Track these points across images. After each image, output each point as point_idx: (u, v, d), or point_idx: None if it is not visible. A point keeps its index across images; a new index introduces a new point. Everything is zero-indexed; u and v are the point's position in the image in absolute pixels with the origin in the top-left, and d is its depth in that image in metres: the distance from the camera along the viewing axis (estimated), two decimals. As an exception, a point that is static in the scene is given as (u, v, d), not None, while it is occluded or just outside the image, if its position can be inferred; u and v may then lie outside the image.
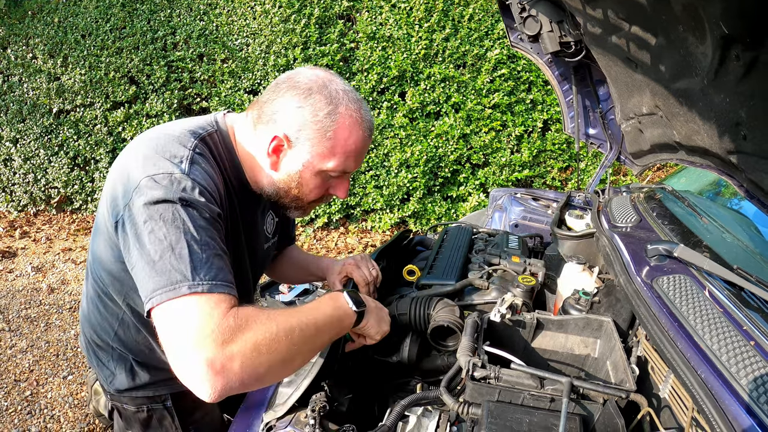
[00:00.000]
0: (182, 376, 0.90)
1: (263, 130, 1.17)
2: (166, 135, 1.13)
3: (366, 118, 1.19)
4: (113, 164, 1.16)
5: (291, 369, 1.06)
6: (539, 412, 1.00)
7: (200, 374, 0.88)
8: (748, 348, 0.94)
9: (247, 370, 0.91)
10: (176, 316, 0.92)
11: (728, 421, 0.81)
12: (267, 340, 0.94)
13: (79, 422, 2.69)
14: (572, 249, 1.79)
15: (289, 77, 1.18)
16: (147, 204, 1.00)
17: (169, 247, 0.96)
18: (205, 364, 0.87)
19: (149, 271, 0.96)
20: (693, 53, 1.17)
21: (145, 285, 0.96)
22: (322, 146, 1.15)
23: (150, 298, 0.94)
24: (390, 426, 1.04)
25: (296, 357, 1.02)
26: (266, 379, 0.97)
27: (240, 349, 0.91)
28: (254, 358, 0.92)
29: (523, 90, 4.74)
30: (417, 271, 1.72)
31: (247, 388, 0.95)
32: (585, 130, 2.50)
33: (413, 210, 4.81)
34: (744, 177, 1.33)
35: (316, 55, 4.53)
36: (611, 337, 1.25)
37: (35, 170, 4.95)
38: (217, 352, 0.88)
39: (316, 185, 1.22)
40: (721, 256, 1.33)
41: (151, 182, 1.02)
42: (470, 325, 1.25)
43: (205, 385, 0.88)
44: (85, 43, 4.63)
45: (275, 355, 0.95)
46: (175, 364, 0.91)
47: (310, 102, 1.13)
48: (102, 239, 1.19)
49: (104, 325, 1.31)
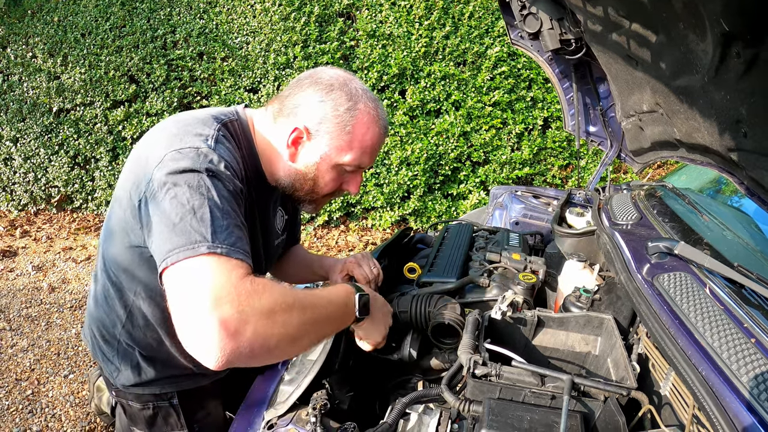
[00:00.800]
0: (191, 338, 0.87)
1: (284, 122, 1.22)
2: (189, 117, 1.16)
3: (382, 117, 1.25)
4: (129, 159, 1.18)
5: (298, 348, 1.05)
6: (540, 410, 1.01)
7: (212, 335, 0.85)
8: (749, 345, 0.94)
9: (259, 337, 0.89)
10: (193, 275, 0.90)
11: (729, 419, 0.81)
12: (281, 310, 0.94)
13: (81, 421, 2.69)
14: (573, 246, 1.79)
15: (311, 74, 1.23)
16: (171, 173, 1.01)
17: (191, 210, 0.96)
18: (218, 324, 0.84)
19: (168, 233, 0.95)
20: (693, 50, 1.17)
21: (162, 247, 0.95)
22: (340, 140, 1.20)
23: (166, 258, 0.92)
24: (391, 423, 1.05)
25: (305, 336, 1.02)
26: (274, 352, 0.95)
27: (255, 314, 0.89)
28: (267, 327, 0.91)
29: (523, 87, 4.73)
30: (418, 269, 1.72)
31: (252, 359, 0.91)
32: (585, 127, 2.49)
33: (414, 208, 4.81)
34: (744, 174, 1.33)
35: (316, 53, 4.53)
36: (612, 334, 1.25)
37: (35, 169, 4.95)
38: (233, 313, 0.86)
39: (332, 178, 1.26)
40: (722, 254, 1.33)
41: (177, 154, 1.04)
42: (471, 322, 1.25)
43: (215, 348, 0.85)
44: (84, 41, 4.63)
45: (287, 328, 0.95)
46: (185, 325, 0.88)
47: (332, 97, 1.18)
48: (116, 238, 1.20)
49: (112, 318, 1.31)
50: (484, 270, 1.69)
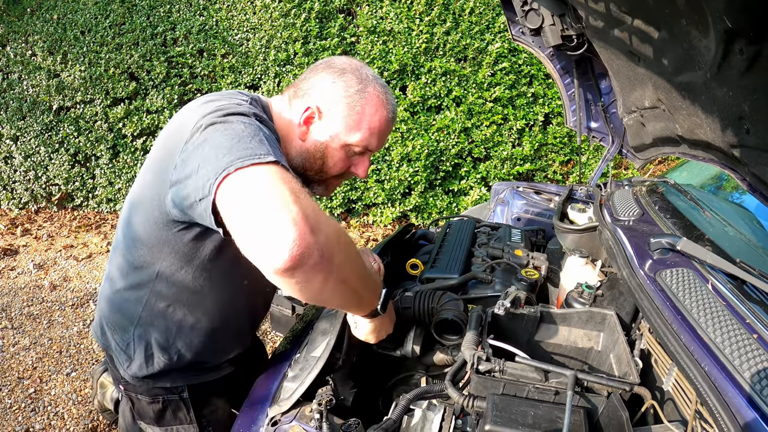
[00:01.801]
0: (267, 228, 0.83)
1: (298, 104, 1.27)
2: (219, 94, 1.19)
3: (391, 102, 1.30)
4: (157, 141, 1.21)
5: (342, 291, 1.02)
6: (544, 405, 1.01)
7: (293, 222, 0.83)
8: (752, 341, 0.94)
9: (329, 247, 0.89)
10: (267, 177, 0.89)
11: (732, 414, 0.82)
12: (345, 237, 0.98)
13: (83, 419, 2.70)
14: (575, 242, 1.80)
15: (325, 61, 1.30)
16: (219, 116, 1.03)
17: (248, 136, 0.97)
18: (300, 214, 0.84)
19: (226, 150, 0.93)
20: (696, 47, 1.17)
21: (219, 162, 0.91)
22: (350, 119, 1.24)
23: (228, 166, 0.90)
24: (395, 419, 1.05)
25: (349, 280, 1.02)
26: (332, 274, 0.92)
27: (328, 225, 0.91)
28: (335, 243, 0.92)
29: (524, 83, 4.72)
30: (420, 265, 1.72)
31: (316, 271, 0.88)
32: (587, 123, 2.49)
33: (415, 204, 4.81)
34: (747, 171, 1.34)
35: (316, 49, 4.52)
36: (614, 330, 1.26)
37: (36, 167, 4.95)
38: (311, 214, 0.87)
39: (340, 158, 1.30)
40: (724, 250, 1.33)
41: (221, 107, 1.06)
42: (474, 318, 1.26)
43: (293, 235, 0.82)
44: (84, 39, 4.62)
45: (347, 256, 0.98)
46: (260, 218, 0.84)
47: (343, 79, 1.24)
48: (139, 216, 1.21)
49: (131, 304, 1.30)
50: (486, 266, 1.69)
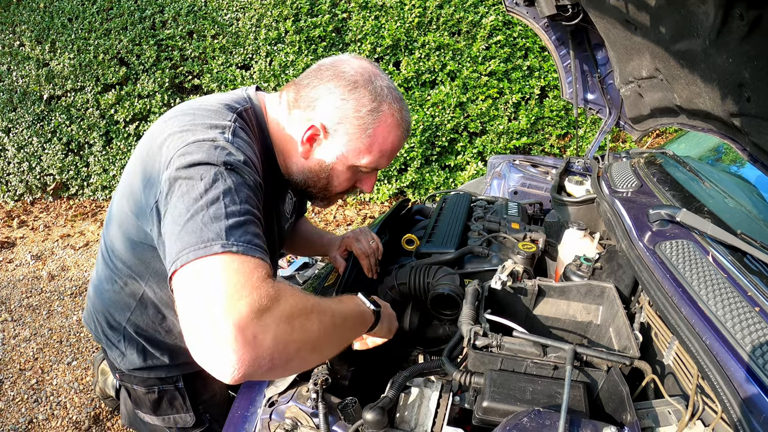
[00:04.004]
0: (203, 348, 0.77)
1: (300, 116, 1.14)
2: (201, 108, 1.08)
3: (405, 119, 1.18)
4: (136, 152, 1.12)
5: (318, 356, 0.97)
6: (542, 380, 1.01)
7: (227, 344, 0.75)
8: (753, 314, 0.93)
9: (280, 344, 0.80)
10: (206, 276, 0.81)
11: (733, 388, 0.81)
12: (301, 316, 0.86)
13: (86, 407, 2.71)
14: (573, 215, 1.79)
15: (334, 64, 1.14)
16: (184, 167, 0.92)
17: (204, 206, 0.87)
18: (235, 330, 0.75)
19: (179, 231, 0.86)
20: (694, 13, 1.14)
21: (172, 247, 0.86)
22: (360, 142, 1.13)
23: (175, 260, 0.83)
24: (392, 397, 1.05)
25: (324, 345, 0.95)
26: (293, 362, 0.86)
27: (275, 320, 0.80)
28: (287, 334, 0.82)
29: (519, 57, 4.66)
30: (416, 240, 1.71)
31: (271, 371, 0.82)
32: (583, 95, 2.46)
33: (411, 180, 4.79)
34: (747, 140, 1.31)
35: (307, 26, 4.44)
36: (614, 303, 1.24)
37: (29, 158, 4.91)
38: (252, 319, 0.77)
39: (346, 178, 1.22)
40: (724, 221, 1.32)
41: (192, 148, 0.95)
42: (471, 293, 1.25)
43: (231, 358, 0.75)
44: (72, 26, 4.53)
45: (308, 335, 0.87)
46: (196, 334, 0.78)
47: (355, 96, 1.10)
48: (116, 227, 1.17)
49: (119, 306, 1.29)
50: (483, 240, 1.68)
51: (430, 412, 1.08)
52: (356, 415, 1.08)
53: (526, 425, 0.85)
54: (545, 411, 0.87)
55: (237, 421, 1.20)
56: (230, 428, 1.19)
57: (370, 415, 0.98)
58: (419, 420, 1.07)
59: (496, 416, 0.95)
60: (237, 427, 1.18)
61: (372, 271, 1.58)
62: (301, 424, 1.12)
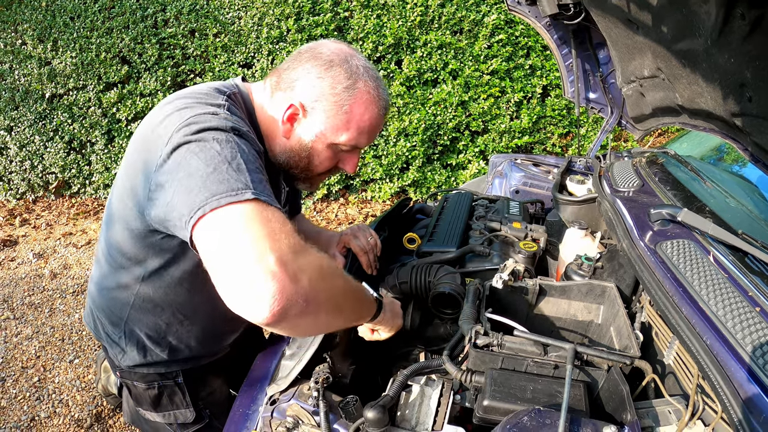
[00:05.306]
0: (243, 283, 0.78)
1: (281, 97, 1.18)
2: (192, 92, 1.11)
3: (382, 97, 1.20)
4: (131, 145, 1.13)
5: (339, 318, 1.03)
6: (543, 379, 1.01)
7: (270, 274, 0.78)
8: (754, 314, 0.93)
9: (314, 290, 0.84)
10: (243, 219, 0.83)
11: (734, 388, 0.81)
12: (329, 271, 0.92)
13: (87, 405, 2.73)
14: (574, 214, 1.79)
15: (311, 47, 1.18)
16: (193, 133, 0.94)
17: (224, 161, 0.90)
18: (278, 263, 0.79)
19: (201, 183, 0.87)
20: (696, 12, 1.14)
21: (194, 198, 0.86)
22: (336, 119, 1.16)
23: (203, 205, 0.84)
24: (393, 396, 1.05)
25: (344, 306, 1.01)
26: (321, 314, 0.90)
27: (310, 265, 0.85)
28: (320, 282, 0.87)
29: (521, 55, 4.66)
30: (417, 239, 1.71)
31: (303, 316, 0.84)
32: (585, 94, 2.46)
33: (413, 179, 4.79)
34: (749, 140, 1.31)
35: (309, 25, 4.44)
36: (614, 302, 1.25)
37: (31, 157, 4.91)
38: (291, 258, 0.81)
39: (327, 157, 1.24)
40: (726, 221, 1.32)
41: (194, 119, 0.97)
42: (472, 292, 1.25)
43: (272, 290, 0.77)
44: (74, 25, 4.54)
45: (334, 290, 0.94)
46: (235, 271, 0.79)
47: (331, 74, 1.14)
48: (118, 223, 1.17)
49: (118, 302, 1.30)
50: (484, 239, 1.68)
51: (431, 410, 1.08)
52: (357, 413, 1.09)
53: (527, 424, 0.85)
54: (546, 410, 0.88)
55: (238, 419, 1.20)
56: (232, 426, 1.20)
57: (371, 413, 0.98)
58: (420, 418, 1.07)
59: (496, 415, 0.95)
60: (238, 425, 1.19)
61: (371, 268, 1.59)
62: (302, 422, 1.12)
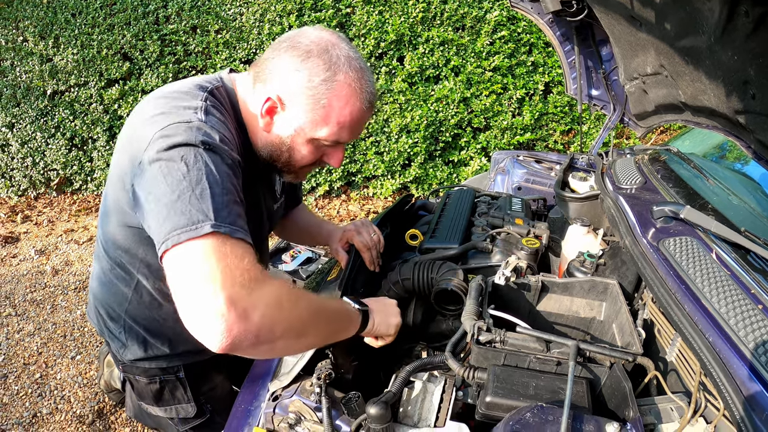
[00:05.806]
0: (196, 319, 0.84)
1: (260, 90, 1.14)
2: (172, 92, 1.10)
3: (366, 89, 1.13)
4: (120, 137, 1.14)
5: (302, 344, 1.05)
6: (545, 376, 1.01)
7: (219, 315, 0.82)
8: (756, 312, 0.93)
9: (267, 323, 0.87)
10: (198, 256, 0.86)
11: (736, 385, 0.81)
12: (288, 300, 0.93)
13: (90, 401, 2.73)
14: (576, 211, 1.78)
15: (291, 36, 1.13)
16: (164, 149, 0.95)
17: (189, 187, 0.91)
18: (227, 304, 0.82)
19: (166, 212, 0.89)
20: (699, 9, 1.13)
21: (161, 228, 0.90)
22: (315, 114, 1.11)
23: (166, 240, 0.88)
24: (395, 392, 1.05)
25: (308, 332, 1.01)
26: (278, 343, 0.92)
27: (263, 298, 0.87)
28: (274, 314, 0.89)
29: (523, 52, 4.65)
30: (419, 236, 1.71)
31: (256, 347, 0.89)
32: (588, 91, 2.45)
33: (415, 175, 4.79)
34: (752, 138, 1.31)
35: (311, 21, 4.43)
36: (617, 299, 1.25)
37: (33, 153, 4.91)
38: (243, 295, 0.84)
39: (309, 152, 1.19)
40: (728, 219, 1.32)
41: (168, 130, 0.98)
42: (474, 288, 1.25)
43: (220, 328, 0.82)
44: (75, 21, 4.53)
45: (293, 319, 0.94)
46: (190, 307, 0.84)
47: (308, 66, 1.08)
48: (112, 218, 1.18)
49: (117, 297, 1.31)
50: (486, 235, 1.68)
51: (433, 406, 1.08)
52: (359, 409, 1.09)
53: (529, 420, 0.85)
54: (548, 406, 0.88)
55: (241, 415, 1.20)
56: (234, 422, 1.20)
57: (373, 409, 0.99)
58: (422, 415, 1.08)
59: (499, 411, 0.95)
60: (240, 421, 1.19)
61: (374, 264, 1.59)
62: (304, 419, 1.13)
